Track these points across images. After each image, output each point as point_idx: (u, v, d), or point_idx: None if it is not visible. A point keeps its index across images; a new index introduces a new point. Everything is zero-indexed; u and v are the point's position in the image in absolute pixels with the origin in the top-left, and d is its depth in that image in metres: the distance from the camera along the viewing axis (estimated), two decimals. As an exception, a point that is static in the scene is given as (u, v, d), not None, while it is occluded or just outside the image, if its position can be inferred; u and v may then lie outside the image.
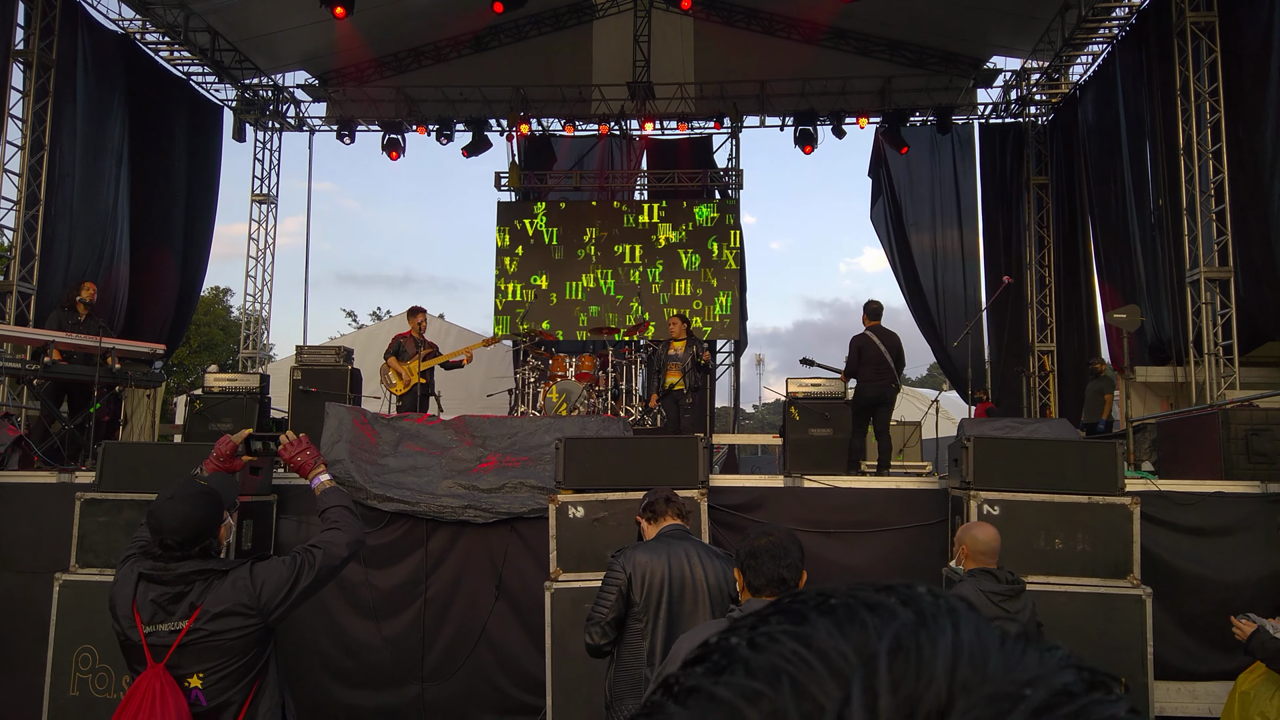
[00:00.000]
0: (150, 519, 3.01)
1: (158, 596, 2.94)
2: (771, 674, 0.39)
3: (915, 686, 0.37)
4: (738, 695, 0.39)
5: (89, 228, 12.24)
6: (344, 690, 6.09)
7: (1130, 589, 5.22)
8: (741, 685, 0.39)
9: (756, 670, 0.40)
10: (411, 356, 9.88)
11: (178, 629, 2.90)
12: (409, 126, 16.41)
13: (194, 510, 3.02)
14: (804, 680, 0.38)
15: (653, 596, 3.60)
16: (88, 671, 5.40)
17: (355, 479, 6.17)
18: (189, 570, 2.97)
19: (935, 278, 15.70)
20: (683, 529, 3.86)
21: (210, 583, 2.97)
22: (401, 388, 9.77)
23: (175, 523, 2.97)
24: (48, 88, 11.66)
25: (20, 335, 8.14)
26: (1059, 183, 15.02)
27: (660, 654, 3.57)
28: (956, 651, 0.39)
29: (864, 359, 8.51)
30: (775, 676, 0.39)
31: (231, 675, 2.94)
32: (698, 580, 3.62)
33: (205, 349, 28.45)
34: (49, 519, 5.99)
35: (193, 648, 2.90)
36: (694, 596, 3.60)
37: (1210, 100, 10.60)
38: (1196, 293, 10.54)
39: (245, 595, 2.96)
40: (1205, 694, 5.76)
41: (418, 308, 10.46)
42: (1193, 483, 6.26)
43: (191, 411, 8.42)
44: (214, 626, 2.91)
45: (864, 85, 15.60)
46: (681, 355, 9.85)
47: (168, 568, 2.97)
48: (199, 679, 2.90)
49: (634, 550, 3.72)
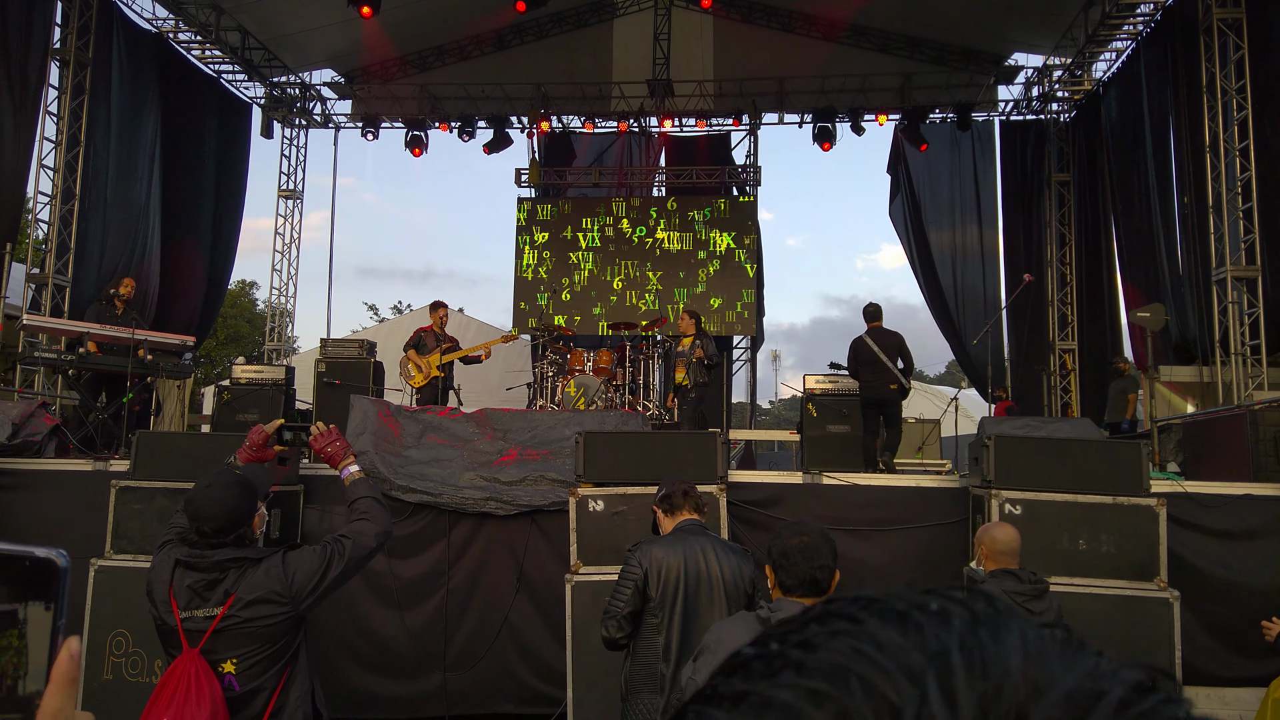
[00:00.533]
0: (188, 507, 3.08)
1: (194, 583, 3.00)
2: (835, 673, 0.38)
3: (991, 683, 0.36)
4: (799, 697, 0.37)
5: (122, 222, 12.44)
6: (367, 678, 6.17)
7: (1157, 592, 5.11)
8: (802, 686, 0.38)
9: (815, 671, 0.38)
10: (432, 350, 9.96)
11: (213, 615, 2.95)
12: (432, 123, 16.53)
13: (229, 499, 3.09)
14: (873, 679, 0.37)
15: (669, 592, 3.61)
16: (121, 656, 5.49)
17: (379, 470, 6.25)
18: (224, 558, 3.02)
19: (954, 275, 15.64)
20: (699, 524, 3.85)
21: (244, 570, 3.02)
22: (421, 380, 9.84)
23: (211, 510, 3.04)
24: (84, 85, 11.88)
25: (56, 326, 8.29)
26: (1081, 180, 14.92)
27: (676, 649, 3.58)
28: (1025, 649, 0.38)
29: (860, 361, 8.54)
30: (840, 676, 0.37)
31: (263, 662, 2.98)
32: (713, 576, 3.62)
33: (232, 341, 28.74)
34: (84, 506, 6.09)
35: (227, 634, 2.95)
36: (710, 592, 3.61)
37: (1238, 97, 10.51)
38: (1223, 291, 10.46)
39: (278, 583, 3.00)
40: (1236, 700, 5.64)
41: (439, 302, 10.55)
42: (1220, 484, 6.14)
43: (219, 402, 8.54)
44: (248, 613, 2.95)
45: (883, 82, 15.56)
46: (687, 352, 9.86)
47: (204, 555, 3.02)
48: (232, 664, 2.94)
49: (650, 545, 3.74)
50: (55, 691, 0.63)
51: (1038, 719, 0.35)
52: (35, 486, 6.52)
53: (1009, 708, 0.36)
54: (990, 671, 0.37)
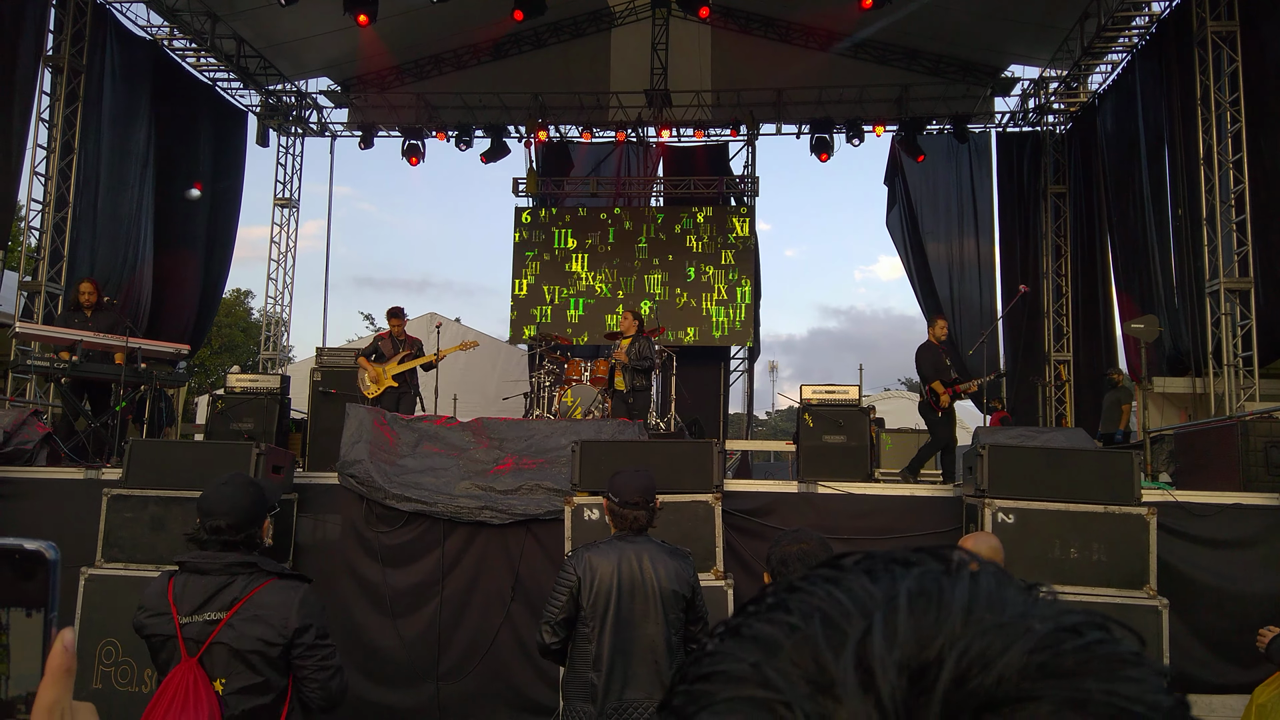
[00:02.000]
0: (202, 503, 3.05)
1: (199, 587, 2.93)
2: (806, 611, 0.44)
3: (933, 619, 0.41)
4: (776, 629, 0.44)
5: (113, 230, 12.44)
6: (361, 686, 6.14)
7: (1146, 600, 5.18)
8: (780, 620, 0.44)
9: (794, 609, 0.44)
10: (389, 358, 9.64)
11: (215, 620, 2.88)
12: (429, 132, 16.55)
13: (243, 497, 3.07)
14: (833, 614, 0.43)
15: (599, 600, 3.55)
16: (111, 665, 5.47)
17: (374, 479, 6.24)
18: (233, 561, 2.96)
19: (951, 286, 15.68)
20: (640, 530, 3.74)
21: (253, 577, 2.95)
22: (375, 390, 9.50)
23: (224, 506, 3.01)
24: (77, 92, 11.88)
25: (48, 334, 8.28)
26: (1076, 192, 14.99)
27: (606, 659, 3.52)
28: (974, 595, 0.42)
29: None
30: (809, 613, 0.43)
31: (250, 691, 2.87)
32: (648, 582, 3.56)
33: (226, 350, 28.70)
34: (76, 514, 6.07)
35: (222, 647, 2.87)
36: (644, 599, 3.55)
37: (1231, 110, 10.57)
38: (1216, 303, 10.50)
39: (282, 612, 2.91)
40: (1222, 707, 5.69)
41: (397, 308, 9.98)
42: (1211, 494, 6.20)
43: (213, 411, 8.53)
44: (244, 628, 2.87)
45: (881, 94, 15.62)
46: (626, 354, 9.58)
47: (214, 557, 2.97)
48: (220, 685, 2.86)
49: (586, 550, 3.68)
50: (51, 684, 0.63)
51: (965, 649, 0.39)
52: (27, 495, 6.50)
53: (945, 640, 0.40)
54: (938, 610, 0.41)
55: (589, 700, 3.55)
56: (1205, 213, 10.67)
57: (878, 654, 0.40)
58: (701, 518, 5.56)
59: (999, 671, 0.38)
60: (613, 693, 3.52)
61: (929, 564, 0.45)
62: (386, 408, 9.16)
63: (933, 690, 0.38)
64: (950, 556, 0.46)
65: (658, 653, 3.54)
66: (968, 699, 0.38)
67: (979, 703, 0.38)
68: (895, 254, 16.54)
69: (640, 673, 3.53)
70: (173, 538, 5.54)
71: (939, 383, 8.59)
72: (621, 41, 16.50)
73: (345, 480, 6.33)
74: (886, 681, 0.39)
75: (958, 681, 0.38)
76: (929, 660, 0.39)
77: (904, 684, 0.39)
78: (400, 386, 9.48)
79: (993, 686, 0.38)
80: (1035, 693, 0.38)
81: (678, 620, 3.61)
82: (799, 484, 6.71)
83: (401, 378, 9.46)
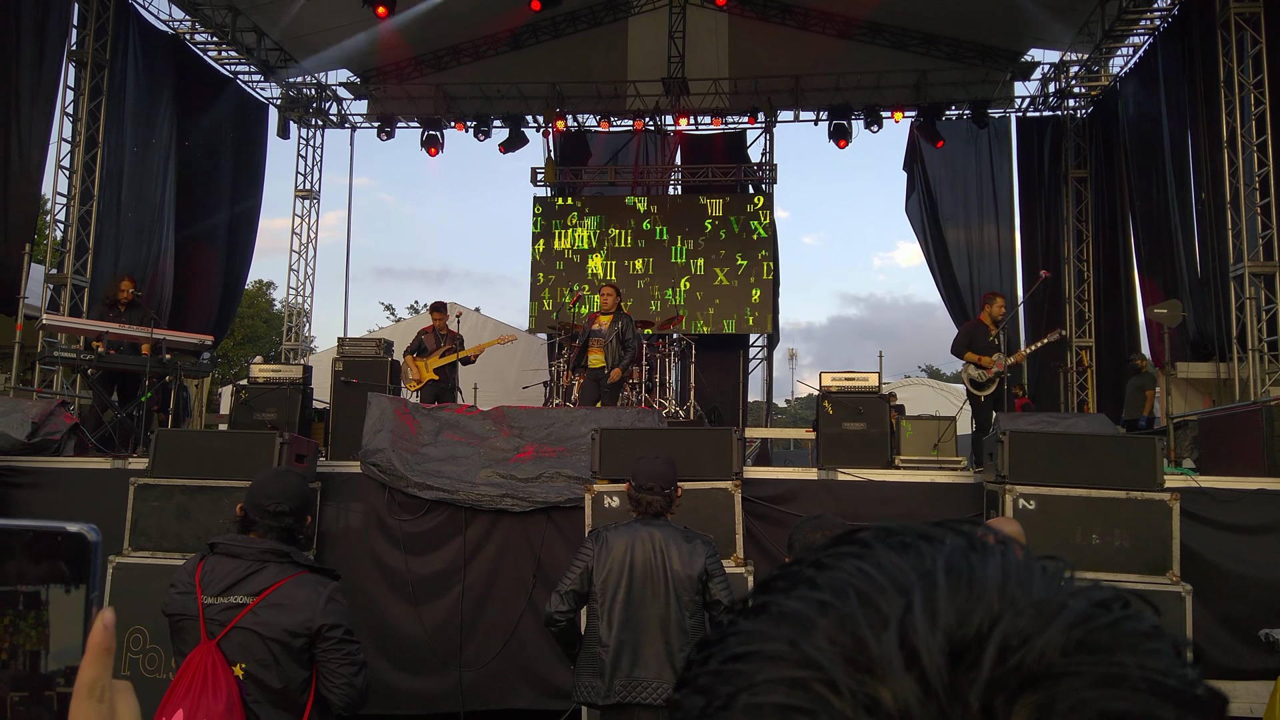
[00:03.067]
0: (261, 487, 3.08)
1: (228, 569, 2.95)
2: (838, 588, 0.43)
3: (969, 597, 0.41)
4: (808, 606, 0.43)
5: (137, 223, 12.57)
6: (383, 673, 6.22)
7: (1169, 586, 5.14)
8: (810, 597, 0.43)
9: (823, 585, 0.44)
10: (431, 353, 9.86)
11: (241, 605, 2.89)
12: (447, 123, 16.60)
13: (298, 485, 3.13)
14: (869, 591, 0.42)
15: (610, 580, 3.64)
16: (138, 652, 5.55)
17: (396, 467, 6.29)
18: (268, 548, 2.97)
19: (971, 272, 15.59)
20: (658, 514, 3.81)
21: (284, 567, 2.96)
22: (415, 385, 9.74)
23: (289, 491, 3.06)
24: (101, 87, 12.01)
25: (76, 326, 8.39)
26: (1098, 176, 14.85)
27: (615, 637, 3.61)
28: (1006, 571, 0.43)
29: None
30: (842, 590, 0.43)
31: (269, 679, 2.87)
32: (660, 564, 3.63)
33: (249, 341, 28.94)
34: (103, 503, 6.15)
35: (243, 633, 2.88)
36: (655, 582, 3.62)
37: (1255, 92, 10.44)
38: (1240, 288, 10.40)
39: (309, 606, 2.91)
40: (1246, 693, 5.67)
41: (440, 303, 10.32)
42: (1234, 479, 6.16)
43: (237, 402, 8.61)
44: (269, 615, 2.88)
45: (899, 79, 15.52)
46: (606, 331, 9.17)
47: (249, 542, 2.99)
48: (240, 670, 2.86)
49: (607, 531, 3.77)
50: (91, 661, 0.65)
51: (1006, 627, 0.40)
52: (55, 484, 6.60)
53: (983, 618, 0.40)
54: (972, 587, 0.42)
55: (598, 676, 3.64)
56: (1229, 196, 10.55)
57: (921, 632, 0.40)
58: (721, 505, 5.57)
59: (1040, 648, 0.39)
60: (621, 670, 3.60)
61: (954, 539, 0.46)
62: (426, 400, 9.36)
63: (977, 667, 0.39)
64: (971, 531, 0.47)
65: (669, 633, 3.61)
66: (1010, 675, 0.39)
67: (1020, 679, 0.39)
68: (915, 240, 16.51)
69: (649, 653, 3.60)
70: (198, 526, 5.62)
71: (970, 352, 8.52)
72: (639, 30, 16.48)
73: (368, 469, 6.39)
74: (931, 660, 0.39)
75: (1000, 658, 0.39)
76: (970, 638, 0.40)
77: (947, 662, 0.39)
78: (441, 380, 9.75)
79: (1034, 663, 0.39)
80: (1075, 668, 0.39)
81: (692, 603, 3.66)
82: (819, 471, 6.71)
83: (442, 371, 9.73)
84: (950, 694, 0.39)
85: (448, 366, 9.82)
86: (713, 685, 0.43)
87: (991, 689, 0.38)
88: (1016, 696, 0.38)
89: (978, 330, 8.74)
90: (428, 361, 9.80)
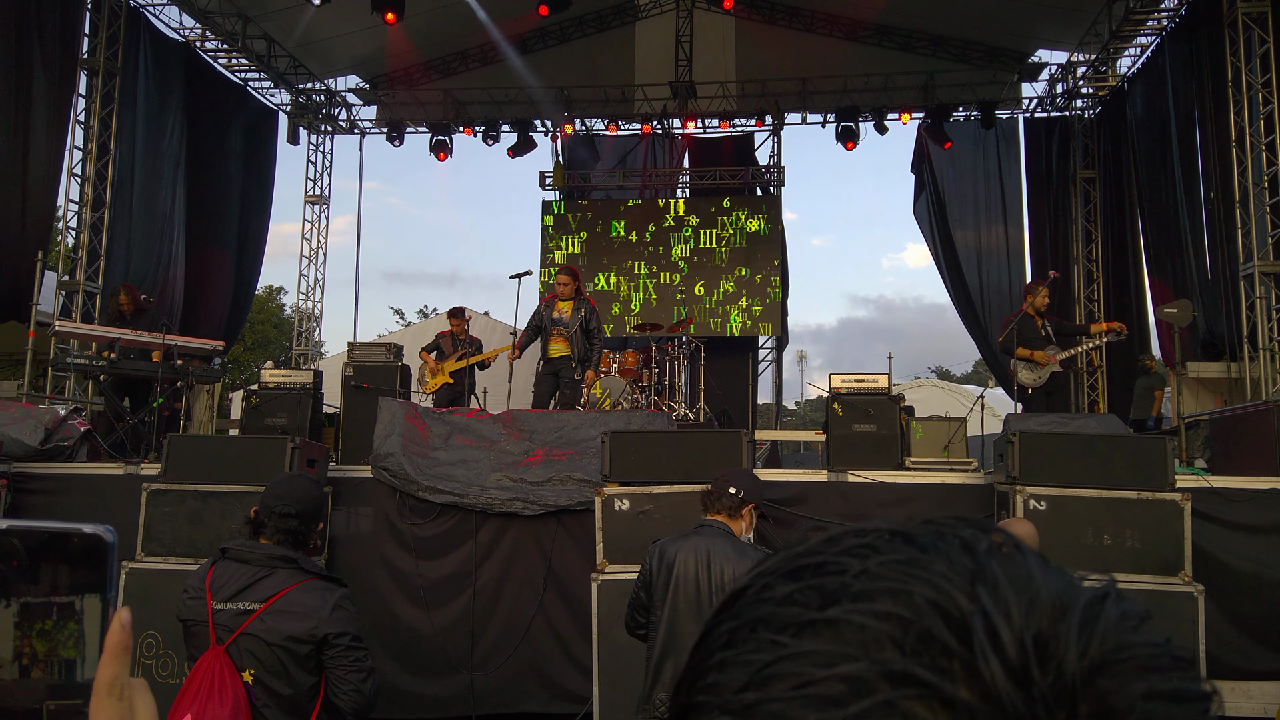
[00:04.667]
0: (272, 489, 3.11)
1: (237, 575, 2.97)
2: (894, 593, 0.42)
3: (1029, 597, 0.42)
4: (866, 618, 0.41)
5: (147, 230, 12.63)
6: (395, 677, 6.24)
7: (1181, 586, 5.13)
8: (865, 609, 0.41)
9: (867, 594, 0.42)
10: (448, 356, 9.93)
11: (249, 611, 2.91)
12: (456, 128, 16.64)
13: (314, 491, 3.18)
14: (935, 597, 0.41)
15: (659, 592, 3.62)
16: (151, 657, 5.57)
17: (407, 471, 6.32)
18: (276, 554, 2.99)
19: (980, 273, 15.55)
20: (719, 526, 3.73)
21: (292, 573, 2.98)
22: (432, 386, 9.79)
23: (298, 494, 3.10)
24: (112, 95, 12.10)
25: (88, 333, 8.44)
26: (1106, 176, 14.82)
27: (658, 650, 3.58)
28: (1042, 567, 0.44)
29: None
30: (906, 598, 0.41)
31: (276, 685, 2.89)
32: (705, 580, 3.53)
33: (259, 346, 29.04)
34: (116, 509, 6.18)
35: (250, 639, 2.90)
36: (700, 597, 3.53)
37: (1263, 91, 10.41)
38: (1250, 287, 10.36)
39: (316, 613, 2.93)
40: (1260, 694, 5.64)
41: (459, 308, 10.47)
42: (1245, 479, 6.13)
43: (248, 407, 8.65)
44: (277, 623, 2.90)
45: (906, 81, 15.51)
46: (568, 320, 8.68)
47: (258, 547, 3.02)
48: (250, 675, 2.88)
49: (666, 543, 3.72)
50: (109, 661, 0.66)
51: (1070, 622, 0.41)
52: (67, 490, 6.63)
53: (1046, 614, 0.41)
54: (1025, 585, 0.42)
55: (644, 686, 3.64)
56: (1238, 196, 10.52)
57: (1002, 633, 0.40)
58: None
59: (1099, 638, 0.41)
60: (661, 684, 3.57)
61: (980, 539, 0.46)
62: (441, 404, 9.38)
63: (1058, 663, 0.40)
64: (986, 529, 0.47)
65: None
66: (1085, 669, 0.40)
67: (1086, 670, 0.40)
68: (923, 242, 16.44)
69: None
70: (211, 531, 5.64)
71: (1022, 348, 8.33)
72: (646, 34, 16.51)
73: (378, 473, 6.41)
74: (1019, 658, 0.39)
75: (1082, 652, 0.40)
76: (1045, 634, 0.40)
77: (1035, 659, 0.40)
78: (456, 384, 9.73)
79: (1096, 654, 0.40)
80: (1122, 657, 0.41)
81: None
82: (829, 473, 6.71)
83: (458, 375, 9.72)
84: (1041, 690, 0.39)
85: (464, 371, 9.87)
86: (785, 712, 0.40)
87: (1071, 683, 0.39)
88: (1086, 687, 0.39)
89: (1025, 323, 8.50)
90: (444, 365, 9.86)
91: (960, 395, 24.18)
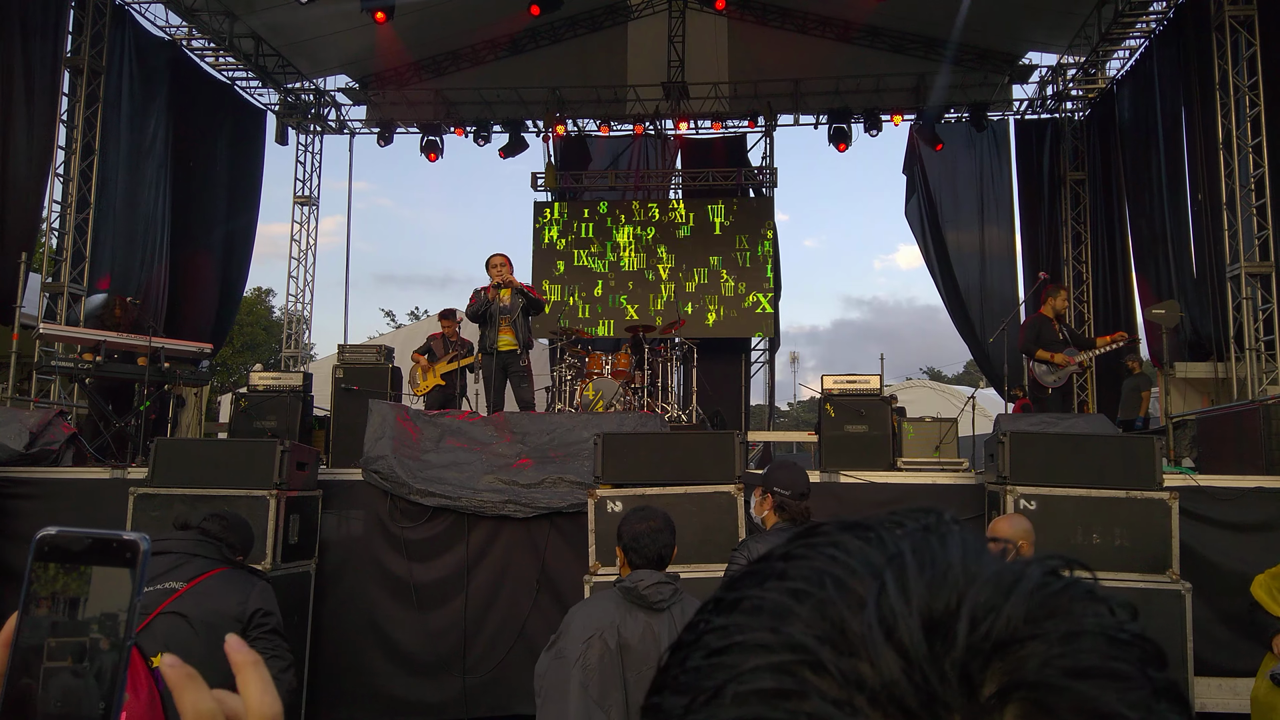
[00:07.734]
0: (216, 510, 3.28)
1: (156, 564, 3.00)
2: (811, 576, 0.45)
3: (937, 572, 0.44)
4: (783, 596, 0.45)
5: (131, 231, 12.48)
6: (388, 680, 6.23)
7: (1169, 584, 5.19)
8: (783, 587, 0.45)
9: (795, 575, 0.46)
10: (440, 358, 9.91)
11: (172, 589, 2.97)
12: (447, 128, 16.61)
13: (245, 519, 3.45)
14: (843, 577, 0.45)
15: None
16: (142, 661, 5.54)
17: (398, 474, 6.30)
18: (197, 542, 3.12)
19: (971, 274, 15.62)
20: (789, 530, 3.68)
21: (211, 561, 3.09)
22: (423, 388, 9.79)
23: (235, 520, 3.30)
24: (97, 94, 11.95)
25: (72, 335, 8.39)
26: (1096, 178, 14.89)
27: None
28: (965, 548, 0.46)
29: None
30: (815, 577, 0.45)
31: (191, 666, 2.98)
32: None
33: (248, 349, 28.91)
34: (103, 513, 6.16)
35: (170, 618, 2.92)
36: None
37: (1250, 94, 10.48)
38: (1237, 288, 10.43)
39: (240, 594, 3.05)
40: (1247, 690, 5.69)
41: (450, 310, 10.46)
42: (1233, 478, 6.19)
43: (236, 410, 8.62)
44: (200, 601, 2.97)
45: (898, 83, 15.54)
46: (510, 308, 8.19)
47: (178, 537, 3.15)
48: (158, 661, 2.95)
49: (753, 541, 3.79)
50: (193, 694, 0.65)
51: (971, 600, 0.43)
52: (54, 495, 6.59)
53: (950, 592, 0.43)
54: (936, 565, 0.45)
55: None
56: (1225, 197, 10.58)
57: (898, 610, 0.42)
58: (724, 508, 5.58)
59: (1006, 615, 0.42)
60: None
61: (911, 525, 0.49)
62: (433, 406, 9.35)
63: (952, 639, 0.42)
64: (924, 517, 0.49)
65: None
66: (981, 643, 0.42)
67: (992, 646, 0.42)
68: (915, 243, 16.50)
69: None
70: (200, 534, 5.62)
71: (1041, 350, 8.31)
72: (638, 35, 16.50)
73: (369, 476, 6.39)
74: (909, 635, 0.42)
75: (972, 628, 0.42)
76: (941, 611, 0.43)
77: (924, 636, 0.42)
78: (447, 386, 9.71)
79: (1003, 630, 0.42)
80: (1039, 631, 0.42)
81: None
82: (821, 473, 6.72)
83: (449, 377, 9.69)
84: (930, 665, 0.41)
85: (455, 373, 9.85)
86: (695, 682, 0.44)
87: (967, 657, 0.41)
88: (989, 662, 0.41)
89: (1044, 325, 8.48)
90: (436, 367, 9.84)
91: (951, 396, 24.26)
